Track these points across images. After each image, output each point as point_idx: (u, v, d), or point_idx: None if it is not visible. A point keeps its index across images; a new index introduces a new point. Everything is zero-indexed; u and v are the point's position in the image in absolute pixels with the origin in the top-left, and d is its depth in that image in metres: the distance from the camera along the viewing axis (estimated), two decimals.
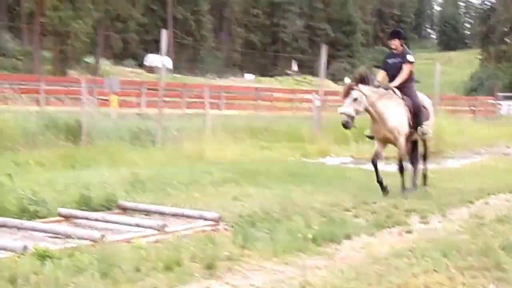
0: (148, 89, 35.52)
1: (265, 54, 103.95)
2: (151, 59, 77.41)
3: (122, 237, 8.49)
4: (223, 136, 20.32)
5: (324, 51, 26.09)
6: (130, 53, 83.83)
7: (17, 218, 9.31)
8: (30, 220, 9.36)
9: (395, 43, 13.15)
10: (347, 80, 12.72)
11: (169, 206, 10.56)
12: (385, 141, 12.97)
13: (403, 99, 12.80)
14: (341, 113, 12.16)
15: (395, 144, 12.96)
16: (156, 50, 63.74)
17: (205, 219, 9.71)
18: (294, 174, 15.12)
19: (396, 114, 12.59)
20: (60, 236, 8.47)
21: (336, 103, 43.41)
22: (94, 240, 7.96)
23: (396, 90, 12.75)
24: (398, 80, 12.80)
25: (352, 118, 12.09)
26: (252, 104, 37.61)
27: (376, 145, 13.02)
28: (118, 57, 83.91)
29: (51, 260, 7.03)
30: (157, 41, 23.37)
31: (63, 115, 19.81)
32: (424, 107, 13.27)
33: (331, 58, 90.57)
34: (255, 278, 7.09)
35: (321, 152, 21.78)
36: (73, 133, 18.25)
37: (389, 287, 6.63)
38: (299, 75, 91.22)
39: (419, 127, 12.92)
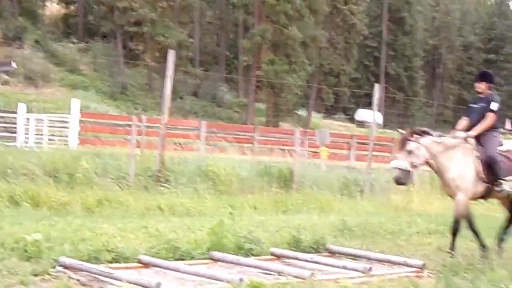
0: (358, 142, 35.98)
1: None
2: (361, 113, 77.93)
3: (329, 277, 8.95)
4: (430, 189, 20.40)
5: None
6: (340, 107, 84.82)
7: (233, 254, 10.05)
8: (245, 256, 10.08)
9: (481, 86, 11.46)
10: (402, 132, 11.10)
11: (375, 252, 10.96)
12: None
13: (476, 150, 11.02)
14: (393, 168, 10.87)
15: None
16: (367, 105, 64.32)
17: (409, 266, 10.02)
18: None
19: (458, 166, 10.82)
20: (272, 273, 9.05)
21: None
22: (303, 278, 8.50)
23: (470, 139, 11.05)
24: (476, 129, 11.07)
25: (408, 172, 10.58)
26: None
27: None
28: (329, 111, 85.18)
29: None
30: (368, 96, 23.75)
31: (275, 163, 20.67)
32: (510, 159, 11.13)
33: None
34: None
35: None
36: (285, 180, 19.01)
37: None
38: None
39: (497, 183, 10.85)
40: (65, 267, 8.48)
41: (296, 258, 10.15)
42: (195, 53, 76.28)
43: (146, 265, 9.20)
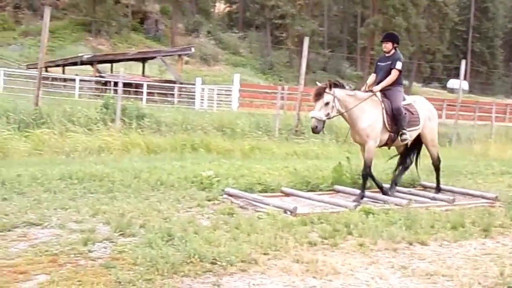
0: (448, 104, 34.96)
1: None
2: (451, 82, 75.31)
3: (422, 205, 8.90)
4: (505, 141, 19.61)
5: None
6: (435, 78, 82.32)
7: (349, 187, 10.08)
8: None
9: (387, 46, 9.74)
10: (319, 83, 9.25)
11: (458, 187, 10.74)
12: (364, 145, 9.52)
13: (382, 101, 9.42)
14: (311, 117, 8.98)
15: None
16: (456, 76, 62.34)
17: (485, 198, 9.77)
18: None
19: (368, 117, 9.20)
20: (379, 201, 9.08)
21: None
22: (402, 205, 8.49)
23: (377, 93, 9.47)
24: (382, 84, 9.51)
25: (323, 122, 8.89)
26: None
27: (362, 153, 9.72)
28: (426, 81, 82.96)
29: (372, 215, 7.66)
30: (457, 69, 22.88)
31: None
32: (411, 112, 9.69)
33: None
34: None
35: None
36: None
37: None
38: None
39: (401, 132, 9.46)
40: (229, 195, 8.81)
41: (397, 191, 10.08)
42: (324, 38, 75.75)
43: (287, 194, 9.39)
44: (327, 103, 8.84)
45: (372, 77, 9.96)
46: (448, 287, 5.34)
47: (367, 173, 9.32)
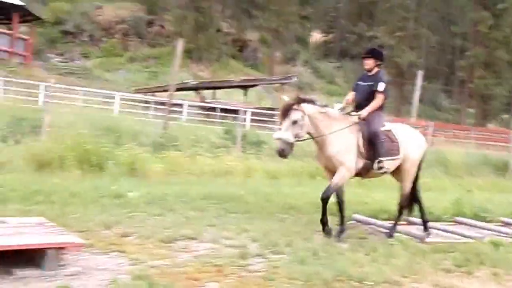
0: None
1: None
2: None
3: None
4: None
5: None
6: None
7: (471, 219, 10.27)
8: (480, 221, 10.26)
9: (369, 63, 8.32)
10: (286, 99, 7.76)
11: None
12: (332, 171, 8.14)
13: (359, 125, 8.03)
14: (277, 139, 7.59)
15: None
16: None
17: None
18: None
19: (341, 141, 7.83)
20: (501, 234, 9.27)
21: None
22: None
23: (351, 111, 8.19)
24: (368, 110, 8.04)
25: (291, 144, 7.51)
26: None
27: (328, 178, 8.38)
28: None
29: (502, 247, 7.90)
30: None
31: (493, 155, 20.22)
32: (391, 140, 8.22)
33: None
34: None
35: None
36: (500, 168, 18.50)
37: None
38: None
39: (378, 161, 8.03)
40: (357, 221, 9.27)
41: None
42: (422, 69, 75.12)
43: (410, 223, 9.58)
44: (294, 122, 7.53)
45: (351, 95, 8.50)
46: None
47: (327, 197, 8.04)
